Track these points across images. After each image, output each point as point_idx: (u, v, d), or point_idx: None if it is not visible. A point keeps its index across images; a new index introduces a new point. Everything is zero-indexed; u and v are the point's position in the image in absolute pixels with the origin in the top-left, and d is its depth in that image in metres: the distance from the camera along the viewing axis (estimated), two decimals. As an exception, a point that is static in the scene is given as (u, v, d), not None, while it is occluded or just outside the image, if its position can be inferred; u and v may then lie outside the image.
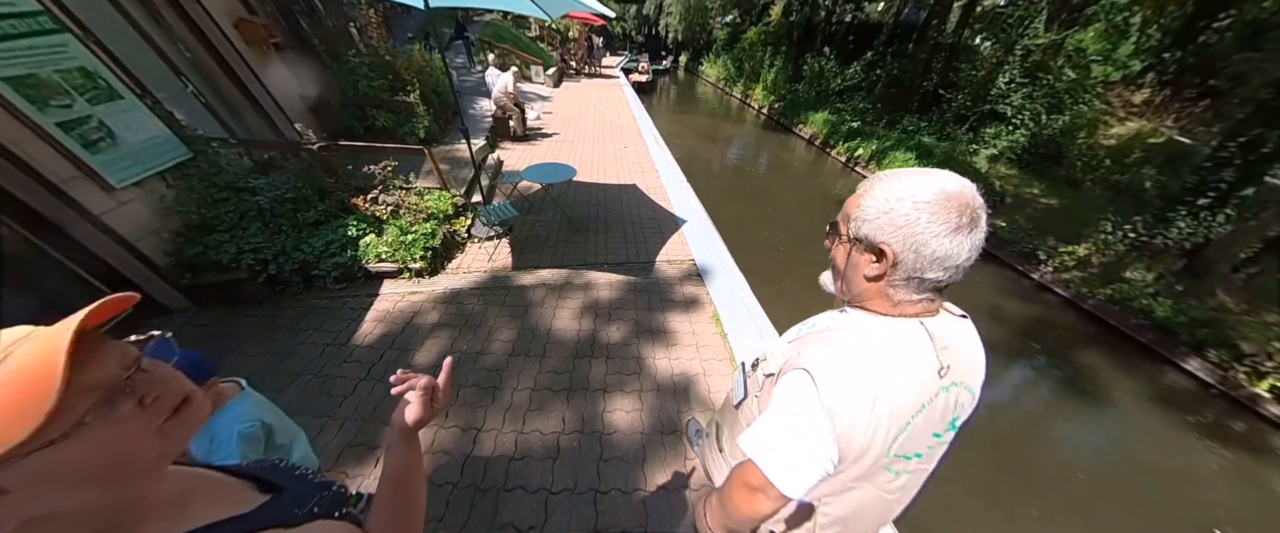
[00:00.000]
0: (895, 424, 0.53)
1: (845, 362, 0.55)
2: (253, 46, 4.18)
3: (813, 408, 0.53)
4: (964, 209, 0.50)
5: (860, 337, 0.57)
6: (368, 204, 3.15)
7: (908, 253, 0.51)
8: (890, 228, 0.52)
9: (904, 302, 0.56)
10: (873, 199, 0.54)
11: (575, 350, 2.15)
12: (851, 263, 0.58)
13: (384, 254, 3.00)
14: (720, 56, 19.27)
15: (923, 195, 0.50)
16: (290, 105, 4.63)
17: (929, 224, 0.50)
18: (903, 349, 0.55)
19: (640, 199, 4.42)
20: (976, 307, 5.27)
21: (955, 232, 0.49)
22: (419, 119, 5.10)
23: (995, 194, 7.30)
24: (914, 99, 10.60)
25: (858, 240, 0.56)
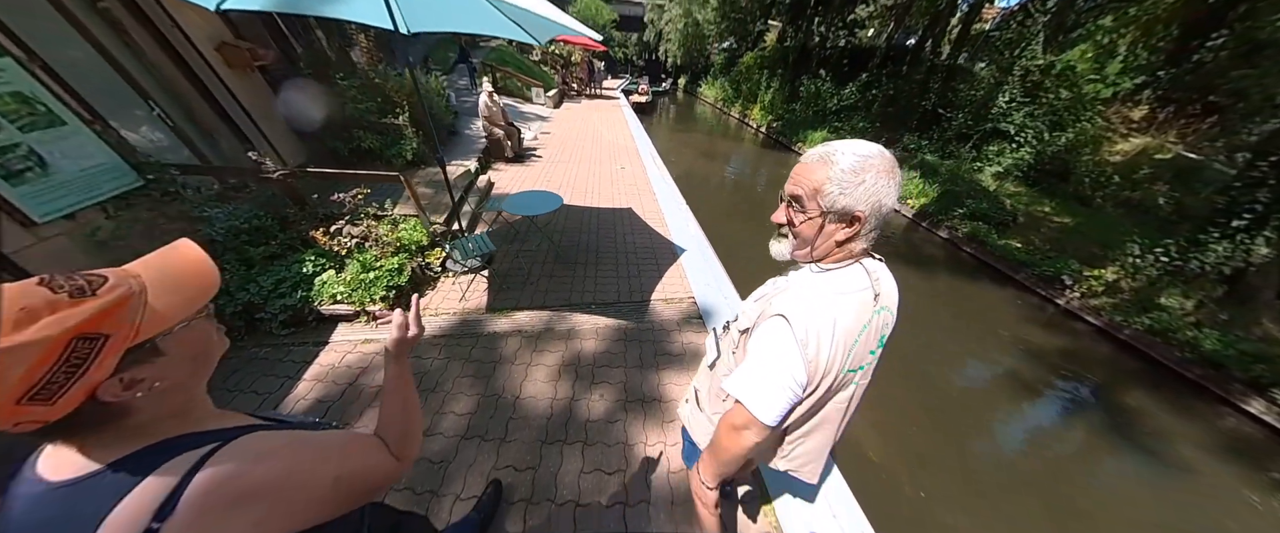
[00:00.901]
0: (847, 343, 0.64)
1: (810, 302, 0.64)
2: (235, 70, 3.88)
3: (788, 344, 0.62)
4: (895, 166, 0.60)
5: (820, 283, 0.67)
6: (326, 237, 2.70)
7: (873, 215, 0.60)
8: (863, 197, 0.58)
9: (860, 248, 0.66)
10: (839, 174, 0.59)
11: (546, 431, 1.65)
12: (824, 232, 0.64)
13: (340, 295, 2.53)
14: (718, 79, 19.28)
15: (878, 164, 0.59)
16: (272, 128, 4.29)
17: (887, 187, 0.59)
18: (850, 285, 0.66)
19: (636, 224, 3.97)
20: (999, 335, 4.80)
21: (897, 188, 0.60)
22: (407, 141, 4.74)
23: (1006, 213, 6.82)
24: (913, 118, 10.31)
25: (832, 212, 0.61)
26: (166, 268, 0.41)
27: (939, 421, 3.25)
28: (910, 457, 2.81)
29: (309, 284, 2.60)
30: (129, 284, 0.36)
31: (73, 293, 0.34)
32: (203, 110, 3.86)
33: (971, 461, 2.95)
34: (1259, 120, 6.72)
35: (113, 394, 0.36)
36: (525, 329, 2.35)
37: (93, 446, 0.38)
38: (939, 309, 5.07)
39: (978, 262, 6.27)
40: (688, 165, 9.89)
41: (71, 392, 0.33)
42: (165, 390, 0.40)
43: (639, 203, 4.56)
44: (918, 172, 8.06)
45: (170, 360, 0.40)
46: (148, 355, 0.38)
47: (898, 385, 3.53)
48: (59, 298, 0.33)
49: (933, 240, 6.98)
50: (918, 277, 5.76)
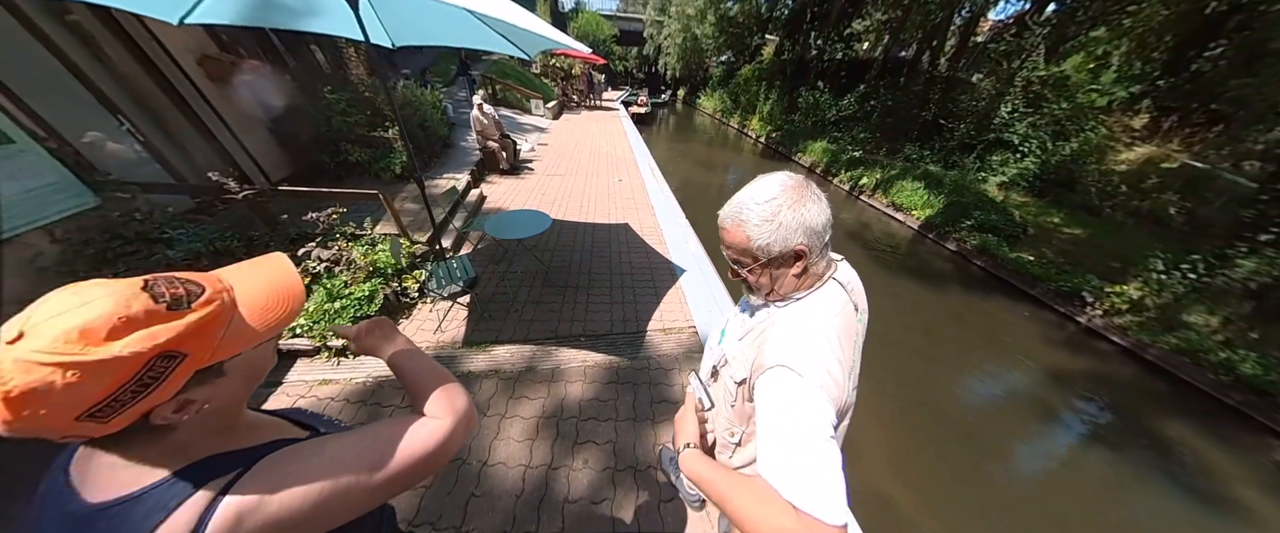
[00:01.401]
0: (848, 360, 0.60)
1: (805, 338, 0.58)
2: (217, 82, 3.65)
3: (811, 397, 0.53)
4: (803, 186, 0.59)
5: (805, 314, 0.61)
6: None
7: (812, 239, 0.58)
8: (793, 233, 0.57)
9: (818, 270, 0.63)
10: (755, 229, 0.58)
11: (512, 515, 1.30)
12: (776, 277, 0.62)
13: (300, 327, 2.23)
14: (716, 90, 19.22)
15: (784, 199, 0.57)
16: (255, 141, 4.05)
17: (807, 211, 0.57)
18: (832, 306, 0.61)
19: (632, 242, 3.67)
20: (1018, 355, 4.41)
21: (817, 202, 0.58)
22: (396, 154, 4.49)
23: (1016, 225, 6.52)
24: (913, 128, 10.09)
25: (773, 259, 0.60)
26: (257, 286, 0.40)
27: (955, 450, 2.92)
28: (925, 490, 2.47)
29: (267, 315, 2.30)
30: (222, 300, 0.36)
31: (171, 304, 0.33)
32: (181, 125, 3.64)
33: (992, 495, 2.61)
34: (1263, 128, 6.60)
35: (163, 417, 0.35)
36: (504, 369, 2.03)
37: (131, 461, 0.35)
38: (952, 326, 4.74)
39: (989, 276, 5.94)
40: (687, 176, 9.65)
41: (129, 411, 0.32)
42: (213, 410, 0.39)
43: (636, 217, 4.27)
44: (922, 182, 7.79)
45: (229, 381, 0.39)
46: (211, 376, 0.37)
47: (913, 412, 3.19)
48: (157, 308, 0.32)
49: (940, 253, 6.66)
50: (929, 292, 5.43)
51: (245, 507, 0.35)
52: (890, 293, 5.23)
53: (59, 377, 0.28)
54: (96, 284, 0.32)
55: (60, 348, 0.28)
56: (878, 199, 8.25)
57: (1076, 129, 8.32)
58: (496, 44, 2.19)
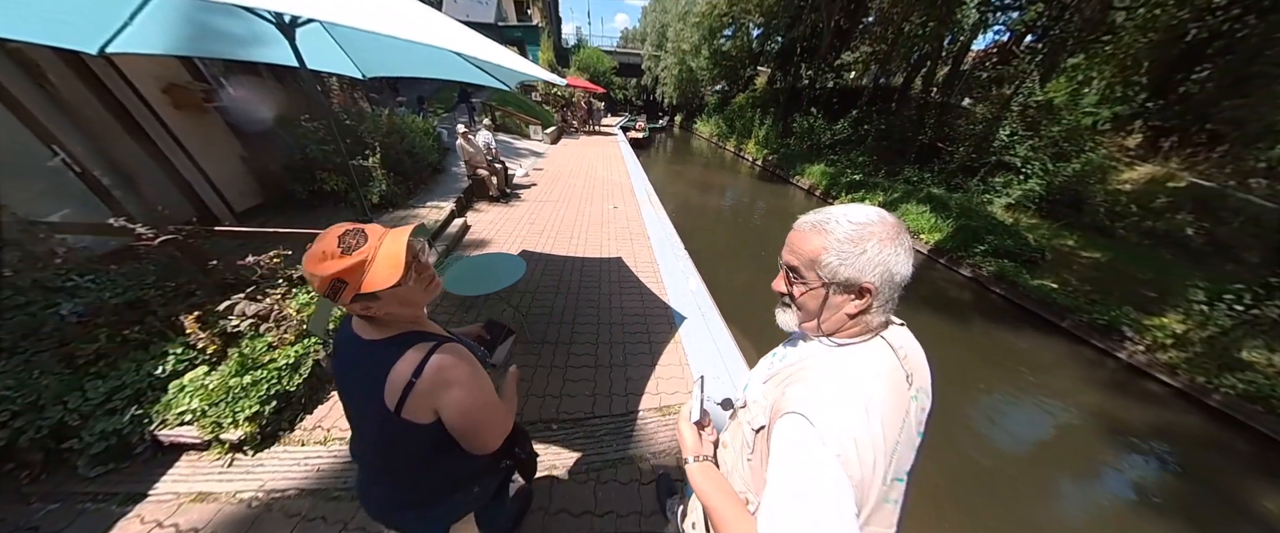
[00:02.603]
0: (889, 440, 0.48)
1: (835, 391, 0.49)
2: (183, 111, 3.33)
3: (823, 464, 0.44)
4: (902, 230, 0.51)
5: (837, 364, 0.52)
6: (197, 325, 1.87)
7: (885, 286, 0.50)
8: (869, 267, 0.49)
9: (877, 323, 0.53)
10: (837, 243, 0.50)
11: None
12: (830, 304, 0.52)
13: (194, 412, 1.67)
14: (712, 117, 19.29)
15: (880, 231, 0.49)
16: (221, 171, 3.62)
17: (895, 256, 0.49)
18: (877, 366, 0.51)
19: (625, 280, 3.13)
20: (1057, 395, 3.37)
21: (908, 256, 0.50)
22: (375, 182, 4.04)
23: (1032, 249, 5.99)
24: (911, 151, 9.78)
25: (836, 284, 0.51)
26: (383, 251, 0.60)
27: (988, 506, 2.31)
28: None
29: (156, 394, 1.74)
30: (363, 256, 0.58)
31: (344, 250, 0.58)
32: (133, 155, 3.20)
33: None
34: (1262, 147, 6.48)
35: (355, 313, 0.64)
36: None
37: (371, 328, 0.66)
38: (979, 363, 4.12)
39: (1011, 305, 5.36)
40: (685, 199, 9.23)
41: (340, 305, 0.60)
42: (391, 313, 0.64)
43: (631, 250, 3.75)
44: (927, 205, 7.33)
45: (384, 302, 0.61)
46: (369, 298, 0.60)
47: (940, 473, 2.56)
48: (336, 251, 0.58)
49: (954, 280, 6.10)
50: (949, 324, 4.83)
51: (444, 362, 0.64)
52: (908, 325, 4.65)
53: (310, 280, 0.59)
54: (326, 232, 0.61)
55: (305, 264, 0.59)
56: (882, 222, 7.77)
57: (1075, 150, 8.02)
58: (472, 75, 2.04)
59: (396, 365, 0.61)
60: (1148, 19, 8.66)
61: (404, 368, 0.61)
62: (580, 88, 13.88)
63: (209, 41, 1.95)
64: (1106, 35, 8.50)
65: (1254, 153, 7.24)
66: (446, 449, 0.68)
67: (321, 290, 0.57)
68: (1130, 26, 8.73)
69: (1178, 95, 8.98)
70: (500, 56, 1.41)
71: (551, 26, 22.26)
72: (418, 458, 0.69)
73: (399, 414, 0.62)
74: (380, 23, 1.02)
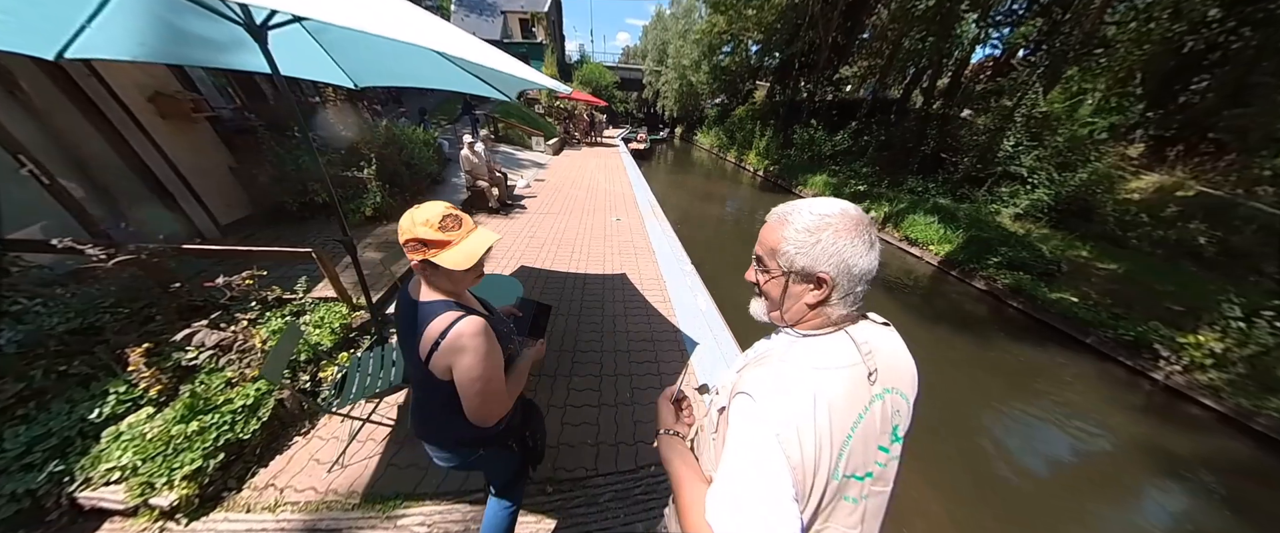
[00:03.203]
0: (838, 432, 0.47)
1: (784, 376, 0.49)
2: (169, 120, 3.13)
3: (762, 440, 0.46)
4: (867, 227, 0.50)
5: (792, 352, 0.53)
6: (143, 358, 1.60)
7: (842, 277, 0.50)
8: (823, 257, 0.49)
9: (837, 316, 0.53)
10: (794, 233, 0.51)
11: None
12: (790, 293, 0.54)
13: (123, 468, 1.39)
14: (713, 128, 19.31)
15: (838, 223, 0.49)
16: (208, 183, 3.42)
17: (852, 247, 0.49)
18: (834, 358, 0.50)
19: (630, 299, 2.87)
20: (1089, 419, 2.76)
21: (870, 249, 0.50)
22: (370, 194, 3.82)
23: (1047, 261, 5.71)
24: (914, 161, 9.61)
25: (794, 273, 0.52)
26: (466, 244, 0.73)
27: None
28: None
29: (87, 445, 1.46)
30: (449, 239, 0.71)
31: (440, 227, 0.70)
32: (111, 166, 3.00)
33: None
34: (1265, 156, 6.56)
35: (414, 269, 0.75)
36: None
37: (426, 288, 0.76)
38: (1002, 381, 3.81)
39: (1030, 319, 5.06)
40: (688, 209, 9.02)
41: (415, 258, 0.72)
42: (439, 284, 0.76)
43: (635, 265, 3.49)
44: (935, 216, 7.09)
45: (442, 273, 0.73)
46: (433, 267, 0.72)
47: (968, 495, 2.23)
48: (437, 225, 0.70)
49: (968, 292, 5.81)
50: (965, 339, 4.53)
51: (464, 329, 0.72)
52: (924, 340, 4.35)
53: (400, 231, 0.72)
54: (435, 203, 0.74)
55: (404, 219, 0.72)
56: (890, 233, 7.52)
57: (1080, 160, 7.87)
58: (471, 85, 1.91)
59: (432, 324, 0.71)
60: (1141, 33, 8.64)
61: (436, 328, 0.71)
62: (582, 101, 13.93)
63: (181, 47, 1.75)
64: (1099, 49, 8.48)
65: (1259, 162, 7.15)
66: (457, 409, 0.77)
67: (403, 242, 0.71)
68: (1125, 40, 8.72)
69: (1177, 105, 8.92)
70: (497, 61, 1.26)
71: (555, 44, 22.54)
72: (437, 407, 0.80)
73: (427, 366, 0.73)
74: (362, 20, 0.84)
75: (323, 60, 2.01)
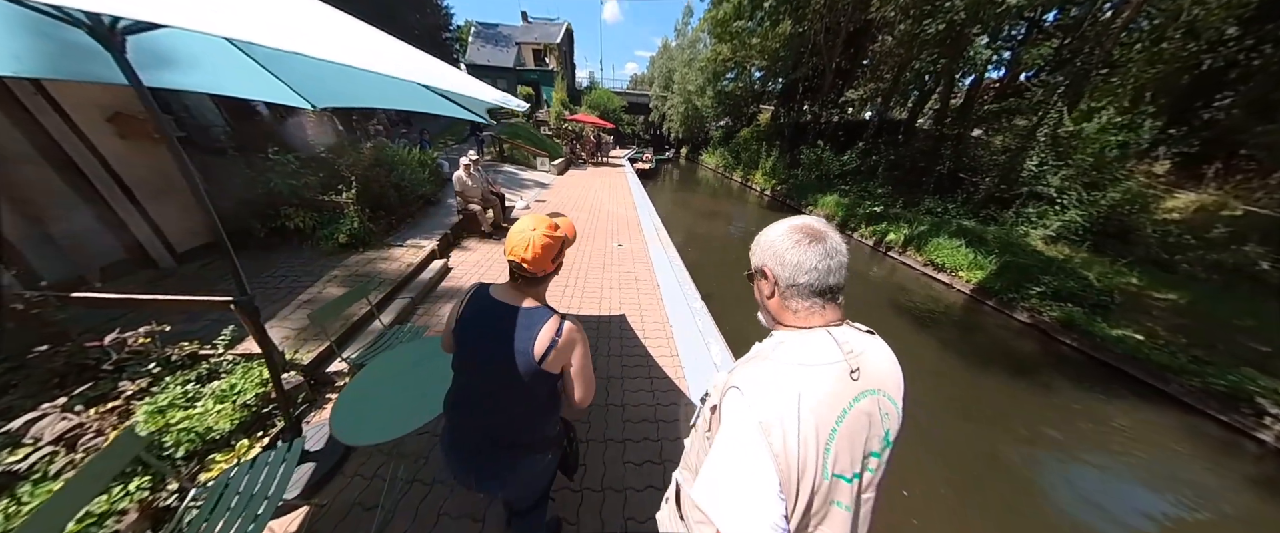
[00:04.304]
0: (822, 428, 0.47)
1: (768, 372, 0.52)
2: (130, 140, 2.80)
3: (747, 430, 0.48)
4: (803, 229, 0.56)
5: (779, 350, 0.55)
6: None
7: (777, 266, 0.56)
8: (763, 254, 0.59)
9: (802, 310, 0.56)
10: (755, 245, 0.61)
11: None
12: (757, 290, 0.62)
13: None
14: (718, 149, 19.17)
15: (780, 228, 0.58)
16: (164, 207, 3.03)
17: (783, 242, 0.56)
18: (815, 356, 0.52)
19: (629, 353, 2.29)
20: (1183, 486, 2.70)
21: (799, 244, 0.55)
22: (347, 219, 3.38)
23: (1097, 290, 4.99)
24: (929, 181, 9.05)
25: (754, 273, 0.62)
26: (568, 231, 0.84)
27: None
28: None
29: None
30: (560, 239, 0.80)
31: (556, 226, 0.79)
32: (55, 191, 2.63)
33: None
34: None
35: (545, 273, 0.81)
36: None
37: (519, 297, 0.80)
38: (1069, 432, 3.06)
39: (1090, 359, 4.31)
40: (692, 228, 8.51)
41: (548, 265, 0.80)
42: (544, 289, 0.83)
43: (637, 302, 2.94)
44: (960, 239, 6.44)
45: (547, 283, 0.83)
46: (557, 267, 0.83)
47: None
48: (550, 226, 0.78)
49: (1009, 326, 5.09)
50: (1024, 386, 3.79)
51: (575, 327, 0.79)
52: (973, 383, 3.64)
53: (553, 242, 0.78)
54: (537, 219, 0.79)
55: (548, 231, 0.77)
56: (912, 257, 6.87)
57: (1108, 178, 7.27)
58: (441, 106, 1.68)
59: (545, 325, 0.76)
60: (1153, 52, 8.20)
61: (551, 327, 0.76)
62: (589, 123, 13.87)
63: (56, 61, 1.33)
64: (1104, 68, 8.07)
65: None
66: (553, 404, 0.85)
67: (544, 252, 0.76)
68: (1137, 59, 8.30)
69: (1202, 122, 8.40)
70: (460, 83, 1.08)
71: (566, 72, 23.05)
72: (537, 409, 0.83)
73: (541, 365, 0.75)
74: (243, 27, 0.58)
75: (266, 79, 1.62)
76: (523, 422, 0.82)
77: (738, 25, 13.48)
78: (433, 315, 2.61)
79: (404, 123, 9.12)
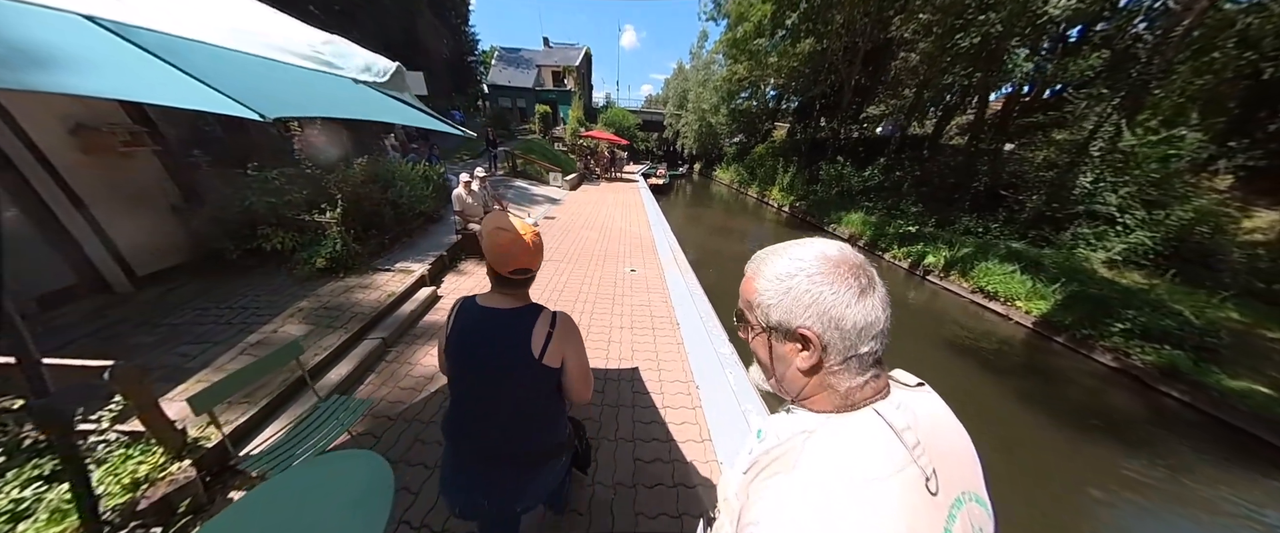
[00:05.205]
0: None
1: (800, 498, 0.31)
2: (95, 155, 2.51)
3: None
4: (855, 269, 0.37)
5: (813, 451, 0.34)
6: None
7: (831, 333, 0.35)
8: (799, 309, 0.36)
9: (853, 389, 0.36)
10: (765, 281, 0.39)
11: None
12: (777, 356, 0.40)
13: None
14: (732, 165, 18.76)
15: (811, 267, 0.37)
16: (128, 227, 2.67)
17: (834, 295, 0.35)
18: (865, 455, 0.32)
19: (644, 432, 1.68)
20: None
21: (862, 295, 0.35)
22: (329, 241, 2.98)
23: (1197, 329, 4.09)
24: (964, 198, 8.23)
25: (772, 328, 0.39)
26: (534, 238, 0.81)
27: None
28: None
29: None
30: (537, 234, 0.79)
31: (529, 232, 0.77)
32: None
33: None
34: None
35: (528, 277, 0.80)
36: None
37: (511, 301, 0.78)
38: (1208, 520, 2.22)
39: (1209, 419, 3.41)
40: (707, 245, 7.90)
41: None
42: (526, 291, 0.81)
43: (654, 350, 2.35)
44: (1013, 263, 5.61)
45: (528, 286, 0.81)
46: (531, 279, 0.83)
47: None
48: (528, 230, 0.77)
49: (1090, 370, 4.22)
50: (1146, 460, 2.94)
51: (568, 319, 0.79)
52: (1045, 447, 2.84)
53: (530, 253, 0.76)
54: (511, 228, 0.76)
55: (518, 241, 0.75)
56: (955, 282, 6.06)
57: (1173, 195, 6.38)
58: (406, 115, 1.43)
59: (538, 320, 0.76)
60: (1201, 63, 7.37)
61: (544, 322, 0.76)
62: (604, 139, 13.71)
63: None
64: (1160, 78, 7.23)
65: None
66: (559, 405, 0.83)
67: (524, 258, 0.75)
68: (1182, 70, 7.47)
69: (1267, 133, 7.45)
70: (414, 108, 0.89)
71: (583, 91, 23.36)
72: (547, 401, 0.80)
73: (541, 359, 0.74)
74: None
75: (191, 86, 1.21)
76: (534, 427, 0.80)
77: (757, 43, 13.21)
78: (403, 363, 2.09)
79: (422, 137, 9.03)
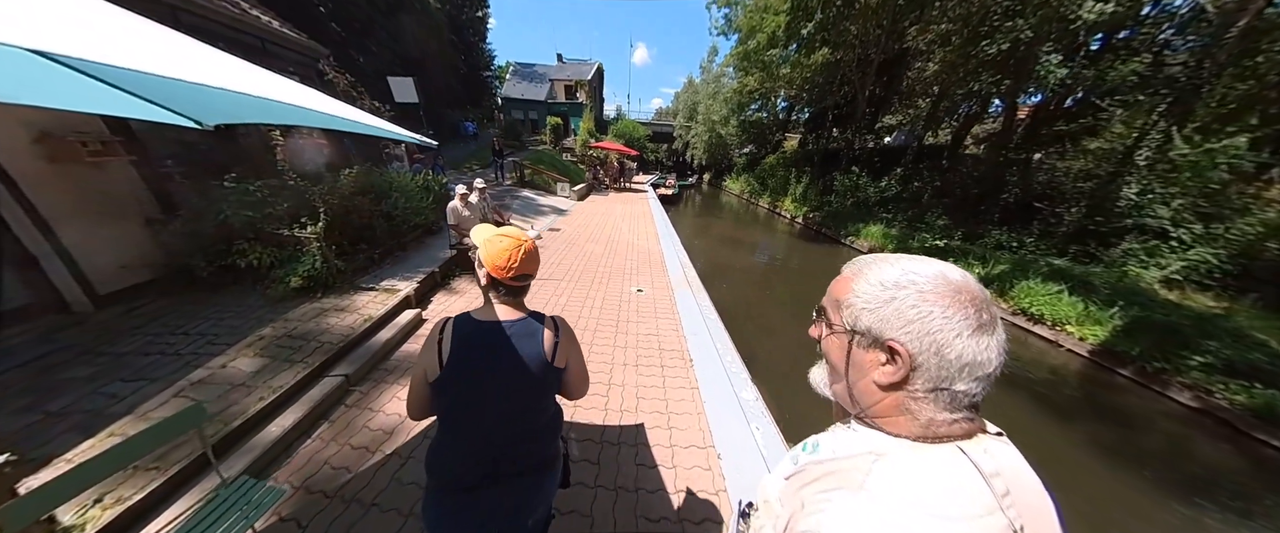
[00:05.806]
0: None
1: (867, 520, 0.28)
2: (60, 164, 2.34)
3: None
4: (977, 302, 0.32)
5: (882, 475, 0.30)
6: None
7: (928, 356, 0.31)
8: (899, 322, 0.32)
9: (937, 423, 0.32)
10: (866, 284, 0.35)
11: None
12: (854, 362, 0.36)
13: None
14: (742, 175, 18.41)
15: (926, 284, 0.32)
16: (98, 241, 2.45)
17: (945, 320, 0.31)
18: (947, 493, 0.28)
19: (653, 525, 1.31)
20: None
21: (979, 331, 0.31)
22: (308, 258, 2.70)
23: (1296, 367, 3.44)
24: (993, 210, 7.63)
25: (858, 333, 0.35)
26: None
27: None
28: None
29: None
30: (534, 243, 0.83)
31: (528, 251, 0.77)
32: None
33: None
34: None
35: (526, 284, 0.80)
36: None
37: (515, 311, 0.77)
38: None
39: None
40: (717, 258, 7.46)
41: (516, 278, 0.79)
42: (523, 300, 0.80)
43: (663, 393, 1.95)
44: (1060, 283, 5.02)
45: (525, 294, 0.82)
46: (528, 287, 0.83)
47: None
48: (525, 240, 0.76)
49: (1165, 410, 3.59)
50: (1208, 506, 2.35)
51: (566, 323, 0.80)
52: (1128, 508, 2.27)
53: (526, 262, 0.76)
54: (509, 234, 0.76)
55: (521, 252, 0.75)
56: (994, 302, 5.46)
57: (1229, 207, 5.70)
58: (327, 122, 1.15)
59: (545, 326, 0.77)
60: (1245, 67, 6.70)
61: (549, 326, 0.78)
62: (613, 150, 13.55)
63: None
64: (1201, 83, 6.58)
65: None
66: (558, 411, 0.86)
67: (518, 267, 0.73)
68: (1224, 75, 6.79)
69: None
70: (338, 109, 0.92)
71: (594, 104, 23.56)
72: (548, 410, 0.82)
73: (553, 361, 0.76)
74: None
75: (117, 97, 0.98)
76: (542, 433, 0.82)
77: (770, 54, 12.97)
78: (364, 409, 1.75)
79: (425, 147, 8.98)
